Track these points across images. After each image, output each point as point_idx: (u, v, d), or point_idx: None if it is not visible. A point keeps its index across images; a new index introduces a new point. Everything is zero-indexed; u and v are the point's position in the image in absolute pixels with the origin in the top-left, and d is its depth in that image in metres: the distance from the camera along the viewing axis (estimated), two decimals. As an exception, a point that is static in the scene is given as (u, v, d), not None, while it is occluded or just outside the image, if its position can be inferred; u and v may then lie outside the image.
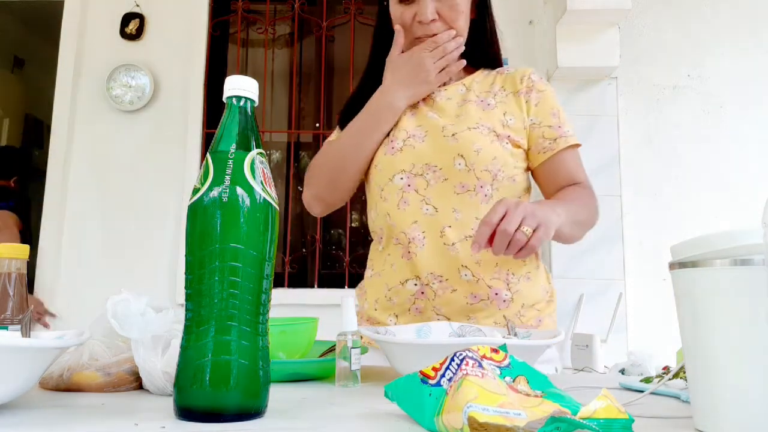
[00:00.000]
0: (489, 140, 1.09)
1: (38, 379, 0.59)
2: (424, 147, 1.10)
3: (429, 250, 1.08)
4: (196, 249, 0.55)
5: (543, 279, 1.15)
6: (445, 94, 1.17)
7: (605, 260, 2.61)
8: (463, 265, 1.07)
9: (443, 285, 1.07)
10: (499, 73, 1.19)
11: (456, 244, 1.07)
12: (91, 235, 2.84)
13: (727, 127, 2.77)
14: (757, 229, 0.47)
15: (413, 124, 1.14)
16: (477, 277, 1.06)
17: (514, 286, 1.08)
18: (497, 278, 1.08)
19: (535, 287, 1.11)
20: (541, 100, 1.14)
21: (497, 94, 1.15)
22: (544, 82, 1.18)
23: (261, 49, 3.13)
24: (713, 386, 0.50)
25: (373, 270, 1.18)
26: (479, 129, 1.09)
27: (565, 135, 1.13)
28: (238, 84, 0.59)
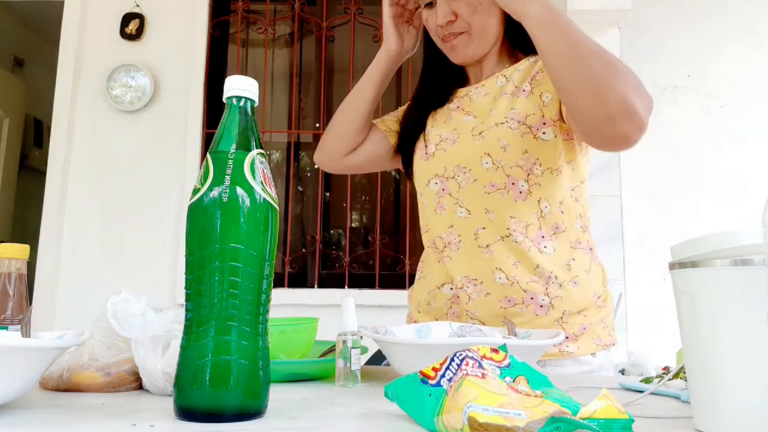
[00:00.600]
0: (519, 134, 1.03)
1: (38, 379, 0.59)
2: (455, 149, 1.08)
3: (463, 253, 1.05)
4: (196, 249, 0.55)
5: (596, 282, 1.08)
6: (482, 89, 1.13)
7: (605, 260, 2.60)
8: (498, 268, 1.02)
9: (477, 288, 1.03)
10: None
11: (490, 246, 1.03)
12: (91, 235, 2.84)
13: (727, 127, 2.78)
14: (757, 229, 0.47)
15: (448, 128, 1.12)
16: (512, 280, 1.02)
17: (554, 291, 1.01)
18: (535, 282, 1.02)
19: (583, 292, 1.04)
20: None
21: (535, 77, 1.08)
22: None
23: (261, 49, 3.13)
24: (713, 386, 0.50)
25: (421, 273, 1.18)
26: (508, 123, 1.04)
27: None
28: (238, 84, 0.59)
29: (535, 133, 1.03)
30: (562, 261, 1.04)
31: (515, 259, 1.02)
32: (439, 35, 1.11)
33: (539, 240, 1.04)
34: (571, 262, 1.05)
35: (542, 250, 1.03)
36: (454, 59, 1.13)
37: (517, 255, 1.03)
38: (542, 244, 1.04)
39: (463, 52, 1.10)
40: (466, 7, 1.07)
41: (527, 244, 1.03)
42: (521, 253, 1.03)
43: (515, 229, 1.03)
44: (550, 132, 1.04)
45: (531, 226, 1.03)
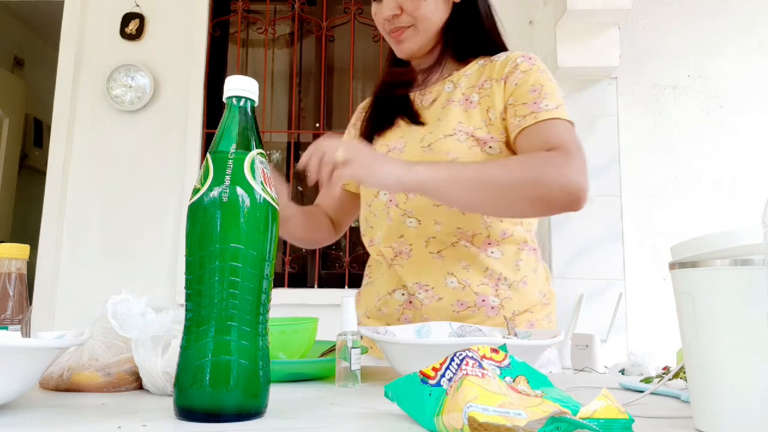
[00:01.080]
0: (467, 146, 1.03)
1: (38, 379, 0.59)
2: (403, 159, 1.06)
3: (414, 260, 1.07)
4: (196, 249, 0.55)
5: (541, 282, 1.11)
6: (430, 96, 1.13)
7: (605, 260, 2.61)
8: (449, 272, 1.04)
9: (429, 294, 1.05)
10: (491, 61, 1.10)
11: (441, 252, 1.05)
12: (91, 235, 2.84)
13: (727, 127, 2.77)
14: (757, 229, 0.47)
15: (396, 136, 1.12)
16: (463, 283, 1.04)
17: (503, 292, 1.04)
18: (485, 284, 1.04)
19: (530, 291, 1.07)
20: (521, 79, 1.04)
21: (483, 87, 1.07)
22: (532, 62, 1.07)
23: (261, 49, 3.13)
24: (713, 386, 0.50)
25: (369, 278, 1.17)
26: (456, 135, 1.04)
27: (540, 110, 1.00)
28: (238, 84, 0.59)
29: (482, 147, 1.04)
30: (511, 263, 1.07)
31: (466, 263, 1.04)
32: (386, 29, 1.11)
33: (486, 246, 1.06)
34: (519, 263, 1.07)
35: (490, 255, 1.06)
36: (400, 53, 1.13)
37: (467, 259, 1.05)
38: (489, 250, 1.06)
39: (410, 46, 1.11)
40: (410, 2, 1.07)
41: (475, 250, 1.05)
42: (471, 257, 1.05)
43: (462, 238, 1.05)
44: (497, 147, 1.04)
45: (478, 235, 1.06)
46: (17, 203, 3.89)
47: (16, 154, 3.91)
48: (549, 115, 0.99)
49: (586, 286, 2.58)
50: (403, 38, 1.10)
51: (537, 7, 2.88)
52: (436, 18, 1.09)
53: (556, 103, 1.01)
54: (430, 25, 1.09)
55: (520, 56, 1.08)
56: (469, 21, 1.12)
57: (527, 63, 1.06)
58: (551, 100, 1.01)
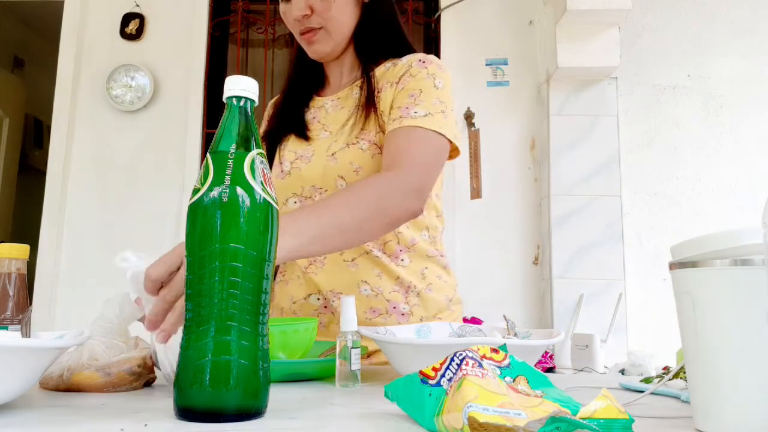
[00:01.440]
0: (369, 155, 1.03)
1: (38, 379, 0.59)
2: (309, 169, 1.08)
3: (329, 268, 1.08)
4: (196, 249, 0.55)
5: (447, 288, 1.14)
6: (339, 102, 1.13)
7: (605, 260, 2.61)
8: (363, 280, 1.07)
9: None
10: (393, 64, 1.11)
11: (355, 260, 1.07)
12: (91, 235, 2.84)
13: (727, 127, 2.78)
14: (757, 229, 0.47)
15: (304, 143, 1.12)
16: (376, 291, 1.07)
17: (412, 299, 1.08)
18: (397, 291, 1.07)
19: (437, 298, 1.11)
20: (408, 83, 1.04)
21: (382, 91, 1.07)
22: (426, 65, 1.06)
23: (261, 49, 3.13)
24: (713, 386, 0.50)
25: (282, 277, 1.16)
26: (359, 144, 1.04)
27: (407, 116, 0.99)
28: (238, 84, 0.59)
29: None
30: (418, 270, 1.10)
31: (378, 271, 1.07)
32: (297, 30, 1.11)
33: (397, 253, 1.09)
34: (425, 270, 1.11)
35: (399, 263, 1.09)
36: (312, 55, 1.12)
37: (379, 267, 1.07)
38: (400, 257, 1.09)
39: (322, 49, 1.11)
40: (320, 3, 1.07)
41: (386, 258, 1.08)
42: (383, 265, 1.07)
43: (374, 247, 1.07)
44: None
45: (389, 243, 1.08)
46: (17, 203, 3.89)
47: (16, 154, 3.91)
48: (412, 123, 0.99)
49: (586, 286, 2.58)
50: (315, 40, 1.09)
51: (537, 7, 2.88)
52: (346, 20, 1.09)
53: (426, 110, 1.00)
54: (340, 27, 1.09)
55: (417, 60, 1.08)
56: (376, 23, 1.13)
57: (419, 66, 1.06)
58: (423, 107, 1.00)
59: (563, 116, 2.72)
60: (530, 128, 2.86)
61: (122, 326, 0.75)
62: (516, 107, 2.87)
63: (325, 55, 1.12)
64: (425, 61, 1.07)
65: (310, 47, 1.11)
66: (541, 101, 2.81)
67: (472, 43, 2.91)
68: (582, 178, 2.68)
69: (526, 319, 2.71)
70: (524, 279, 2.77)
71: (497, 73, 2.90)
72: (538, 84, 2.86)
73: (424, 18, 3.05)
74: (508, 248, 2.78)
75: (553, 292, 2.60)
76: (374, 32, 1.12)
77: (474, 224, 2.75)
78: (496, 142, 2.83)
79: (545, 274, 2.69)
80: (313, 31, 1.09)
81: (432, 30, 3.01)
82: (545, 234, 2.70)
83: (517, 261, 2.78)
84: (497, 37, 2.92)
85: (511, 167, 2.84)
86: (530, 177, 2.83)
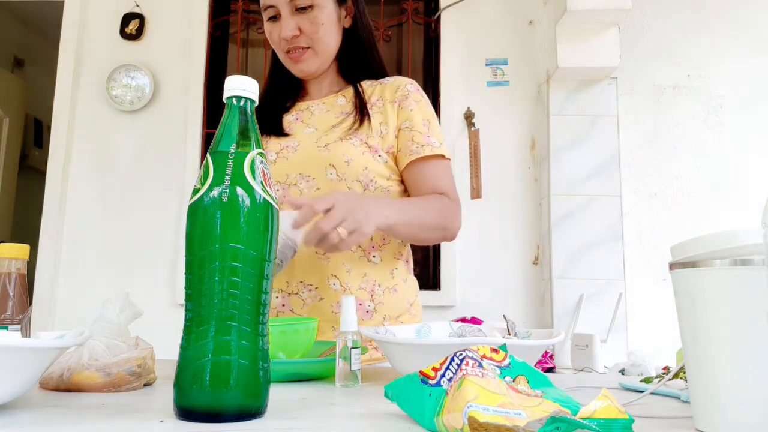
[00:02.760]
0: (360, 152, 1.11)
1: (38, 379, 0.59)
2: (296, 157, 1.13)
3: (301, 259, 1.10)
4: (196, 249, 0.55)
5: (410, 293, 1.19)
6: (323, 106, 1.20)
7: (605, 260, 2.61)
8: (333, 275, 1.11)
9: (312, 294, 1.11)
10: (380, 83, 1.21)
11: (327, 253, 1.10)
12: (91, 234, 2.84)
13: (727, 127, 2.78)
14: (757, 229, 0.47)
15: (286, 138, 1.17)
16: (344, 286, 1.10)
17: (378, 298, 1.12)
18: (363, 289, 1.12)
19: (399, 300, 1.15)
20: (416, 108, 1.17)
21: (375, 104, 1.17)
22: (421, 93, 1.21)
23: (261, 49, 3.13)
24: (713, 386, 0.50)
25: None
26: (351, 140, 1.12)
27: (432, 144, 1.15)
28: (238, 84, 0.59)
29: (373, 154, 1.13)
30: (387, 270, 1.15)
31: (349, 266, 1.11)
32: (283, 48, 1.17)
33: (370, 249, 1.14)
34: (394, 271, 1.16)
35: (371, 259, 1.14)
36: (298, 73, 1.20)
37: (350, 263, 1.12)
38: (372, 254, 1.14)
39: (309, 68, 1.18)
40: (310, 25, 1.14)
41: (359, 252, 1.13)
42: (354, 261, 1.12)
43: None
44: (385, 156, 1.14)
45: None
46: (17, 203, 3.89)
47: (16, 154, 3.91)
48: (437, 152, 1.15)
49: (586, 286, 2.58)
50: (302, 59, 1.16)
51: (537, 7, 2.88)
52: (331, 41, 1.18)
53: (439, 140, 1.17)
54: (326, 48, 1.17)
55: (409, 83, 1.20)
56: (357, 45, 1.22)
57: (417, 93, 1.19)
58: (436, 137, 1.16)
59: (563, 116, 2.72)
60: (530, 128, 2.86)
61: (122, 326, 0.75)
62: (516, 107, 2.87)
63: (310, 74, 1.20)
64: (419, 90, 1.21)
65: (296, 65, 1.18)
66: (541, 101, 2.81)
67: (472, 43, 2.91)
68: (582, 178, 2.68)
69: (526, 319, 2.71)
70: (524, 279, 2.77)
71: (497, 73, 2.89)
72: (538, 84, 2.86)
73: (424, 18, 3.05)
74: (508, 248, 2.78)
75: (553, 292, 2.60)
76: (356, 54, 1.22)
77: (474, 224, 2.75)
78: (496, 142, 2.83)
79: (545, 274, 2.69)
80: (300, 51, 1.16)
81: (432, 30, 3.01)
82: (545, 234, 2.70)
83: (517, 261, 2.78)
84: (497, 37, 2.92)
85: (511, 167, 2.84)
86: (530, 177, 2.83)
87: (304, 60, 1.16)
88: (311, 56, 1.16)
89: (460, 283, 2.75)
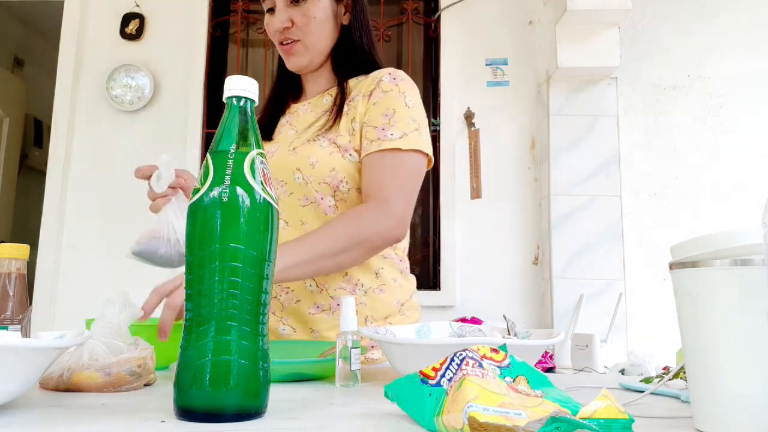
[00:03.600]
0: (327, 152, 1.08)
1: (38, 379, 0.59)
2: (272, 163, 1.12)
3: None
4: (196, 249, 0.55)
5: (401, 292, 1.14)
6: (309, 106, 1.19)
7: (605, 260, 2.61)
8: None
9: (289, 296, 1.09)
10: (365, 77, 1.16)
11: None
12: (91, 234, 2.84)
13: (727, 127, 2.78)
14: (757, 229, 0.47)
15: (273, 142, 1.17)
16: (321, 287, 1.08)
17: (359, 298, 1.08)
18: (342, 288, 1.09)
19: (387, 300, 1.11)
20: (380, 99, 1.09)
21: (352, 100, 1.13)
22: (397, 82, 1.11)
23: (261, 49, 3.13)
24: (713, 386, 0.50)
25: None
26: (319, 141, 1.09)
27: (385, 138, 1.06)
28: (238, 84, 0.59)
29: (343, 154, 1.08)
30: (372, 269, 1.11)
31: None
32: (277, 40, 1.17)
33: None
34: (380, 270, 1.12)
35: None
36: (290, 67, 1.19)
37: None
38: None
39: (298, 61, 1.17)
40: (301, 17, 1.13)
41: None
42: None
43: None
44: (356, 155, 1.09)
45: None
46: (17, 203, 3.89)
47: (16, 154, 3.90)
48: (390, 145, 1.05)
49: (586, 286, 2.58)
50: (293, 52, 1.16)
51: (537, 7, 2.88)
52: (324, 37, 1.15)
53: (402, 131, 1.06)
54: (317, 42, 1.15)
55: (387, 74, 1.13)
56: (353, 44, 1.19)
57: (390, 83, 1.11)
58: (398, 128, 1.06)
59: (563, 116, 2.72)
60: (530, 128, 2.86)
61: (122, 326, 0.75)
62: (516, 107, 2.87)
63: (302, 68, 1.18)
64: (396, 78, 1.12)
65: (288, 58, 1.17)
66: (541, 101, 2.81)
67: (472, 43, 2.91)
68: (582, 178, 2.68)
69: (526, 319, 2.71)
70: (524, 279, 2.77)
71: (497, 73, 2.90)
72: (538, 84, 2.86)
73: (424, 18, 3.05)
74: (508, 248, 2.78)
75: (553, 292, 2.60)
76: (351, 52, 1.19)
77: (474, 224, 2.75)
78: (496, 142, 2.83)
79: (545, 274, 2.69)
80: (292, 44, 1.15)
81: (432, 30, 3.01)
82: (545, 234, 2.70)
83: (517, 261, 2.78)
84: (497, 37, 2.92)
85: (511, 167, 2.84)
86: (530, 177, 2.83)
87: (294, 53, 1.15)
88: (301, 49, 1.15)
89: (460, 283, 2.75)
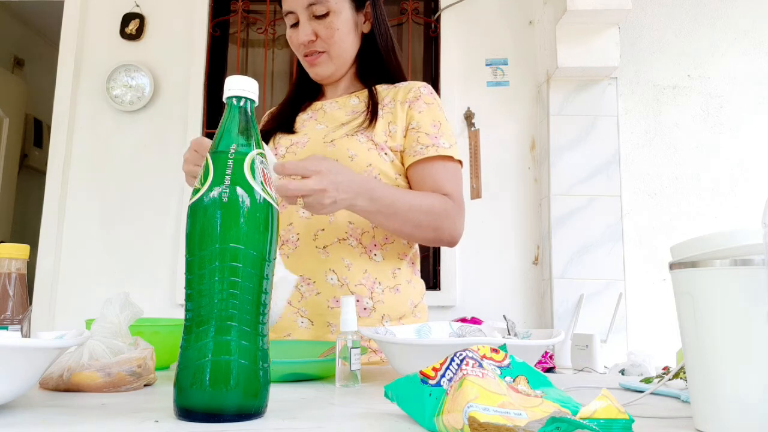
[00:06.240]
0: (366, 148, 1.12)
1: (38, 379, 0.59)
2: (304, 153, 1.15)
3: (300, 252, 1.11)
4: (196, 249, 0.55)
5: (414, 294, 1.18)
6: (336, 105, 1.22)
7: (605, 260, 2.61)
8: (331, 269, 1.10)
9: (310, 287, 1.11)
10: (395, 87, 1.22)
11: (327, 247, 1.11)
12: (91, 235, 2.84)
13: (727, 127, 2.78)
14: (757, 229, 0.47)
15: (299, 134, 1.20)
16: (342, 281, 1.10)
17: (377, 296, 1.11)
18: (362, 285, 1.11)
19: (402, 301, 1.14)
20: (426, 110, 1.17)
21: (386, 105, 1.18)
22: (434, 97, 1.21)
23: (261, 49, 3.13)
24: (713, 386, 0.50)
25: None
26: (357, 137, 1.13)
27: (439, 145, 1.14)
28: (238, 84, 0.59)
29: (379, 152, 1.14)
30: (389, 269, 1.14)
31: (348, 262, 1.11)
32: (301, 53, 1.21)
33: (372, 247, 1.13)
34: (396, 271, 1.15)
35: (372, 257, 1.13)
36: (314, 77, 1.23)
37: (350, 258, 1.12)
38: (373, 252, 1.13)
39: (323, 71, 1.20)
40: (325, 30, 1.17)
41: (360, 249, 1.12)
42: (354, 257, 1.12)
43: (352, 234, 1.12)
44: (392, 154, 1.15)
45: (366, 234, 1.13)
46: (17, 203, 3.89)
47: (16, 154, 3.91)
48: (445, 152, 1.13)
49: (586, 286, 2.58)
50: (318, 63, 1.19)
51: (537, 7, 2.88)
52: (347, 46, 1.20)
53: (450, 142, 1.16)
54: (342, 52, 1.19)
55: (423, 86, 1.20)
56: (375, 52, 1.24)
57: (430, 96, 1.19)
58: (447, 139, 1.15)
59: (563, 116, 2.72)
60: (530, 128, 2.86)
61: (122, 326, 0.75)
62: (516, 107, 2.87)
63: (325, 77, 1.22)
64: (432, 93, 1.21)
65: (312, 69, 1.21)
66: (541, 101, 2.81)
67: (472, 43, 2.91)
68: (582, 178, 2.68)
69: (526, 319, 2.71)
70: (524, 279, 2.77)
71: (497, 73, 2.90)
72: (538, 84, 2.86)
73: (424, 18, 3.05)
74: (508, 248, 2.79)
75: (553, 292, 2.60)
76: (374, 60, 1.24)
77: (474, 224, 2.75)
78: (496, 142, 2.83)
79: (545, 274, 2.69)
80: (316, 55, 1.19)
81: (432, 30, 3.01)
82: (545, 234, 2.70)
83: (517, 261, 2.78)
84: (497, 37, 2.92)
85: (511, 167, 2.84)
86: (530, 177, 2.83)
87: (319, 63, 1.19)
88: (326, 60, 1.19)
89: (460, 283, 2.75)
